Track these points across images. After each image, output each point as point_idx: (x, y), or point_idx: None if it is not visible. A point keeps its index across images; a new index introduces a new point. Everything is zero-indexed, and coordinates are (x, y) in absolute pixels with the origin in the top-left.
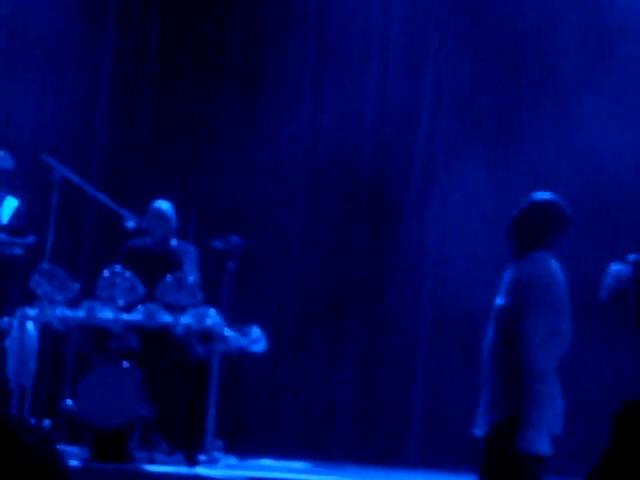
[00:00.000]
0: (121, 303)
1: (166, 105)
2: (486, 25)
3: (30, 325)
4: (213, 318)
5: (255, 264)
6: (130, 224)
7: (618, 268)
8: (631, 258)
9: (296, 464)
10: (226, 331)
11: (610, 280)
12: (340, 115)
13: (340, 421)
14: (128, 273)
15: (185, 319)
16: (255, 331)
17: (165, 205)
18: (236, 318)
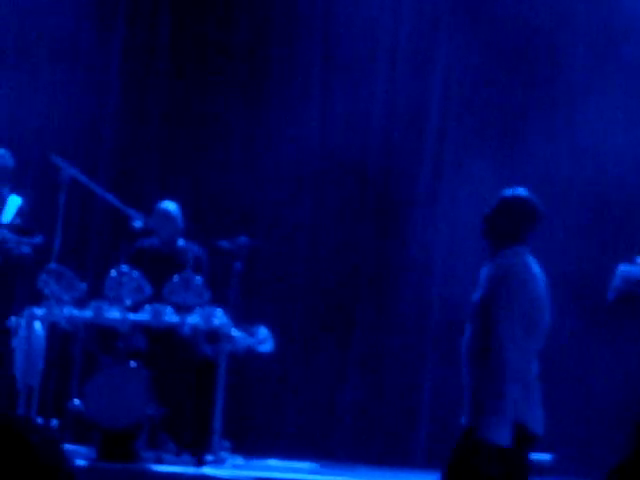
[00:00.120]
0: (128, 303)
1: (175, 105)
2: (494, 24)
3: (38, 325)
4: (220, 318)
5: (262, 264)
6: (137, 224)
7: (626, 269)
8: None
9: (303, 464)
10: (233, 331)
11: (618, 281)
12: (348, 115)
13: (347, 421)
14: (135, 273)
15: (192, 319)
16: (262, 331)
17: (171, 205)
18: (243, 318)
